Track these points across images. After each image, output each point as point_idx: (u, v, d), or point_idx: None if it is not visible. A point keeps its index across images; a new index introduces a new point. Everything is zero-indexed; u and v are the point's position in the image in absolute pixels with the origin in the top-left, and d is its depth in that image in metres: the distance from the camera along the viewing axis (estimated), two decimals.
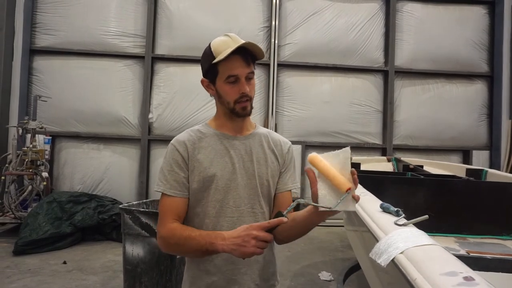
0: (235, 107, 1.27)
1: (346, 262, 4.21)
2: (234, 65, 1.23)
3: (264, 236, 1.08)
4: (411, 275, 0.82)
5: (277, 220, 1.09)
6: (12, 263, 3.95)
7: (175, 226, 1.22)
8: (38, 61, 6.05)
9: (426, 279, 0.77)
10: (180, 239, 1.19)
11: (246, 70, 1.24)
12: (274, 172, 1.34)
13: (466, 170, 3.87)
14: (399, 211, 1.31)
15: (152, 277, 2.76)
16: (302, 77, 6.51)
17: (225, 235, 1.12)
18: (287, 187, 1.36)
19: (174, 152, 1.28)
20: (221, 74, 1.24)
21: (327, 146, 6.49)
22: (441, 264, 0.82)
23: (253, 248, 1.07)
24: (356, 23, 6.52)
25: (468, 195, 3.13)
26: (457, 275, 0.74)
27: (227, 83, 1.25)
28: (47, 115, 5.77)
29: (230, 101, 1.27)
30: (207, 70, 1.27)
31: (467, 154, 6.78)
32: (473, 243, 2.86)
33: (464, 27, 6.71)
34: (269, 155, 1.35)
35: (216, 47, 1.24)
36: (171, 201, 1.25)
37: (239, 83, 1.24)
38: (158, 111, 6.16)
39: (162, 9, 6.24)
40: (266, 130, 1.43)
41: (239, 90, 1.24)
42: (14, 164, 4.95)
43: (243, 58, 1.23)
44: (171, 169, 1.26)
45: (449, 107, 6.70)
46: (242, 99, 1.25)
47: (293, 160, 1.42)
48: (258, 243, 1.07)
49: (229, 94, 1.26)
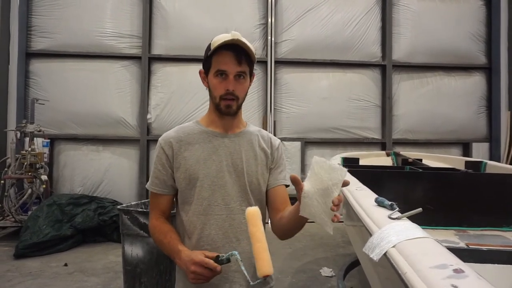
0: (220, 103, 1.28)
1: (347, 257, 4.20)
2: (225, 60, 1.24)
3: (200, 272, 1.11)
4: (402, 268, 0.81)
5: (212, 264, 1.10)
6: (13, 266, 3.95)
7: (156, 225, 1.30)
8: (34, 64, 6.05)
9: (416, 272, 0.76)
10: (156, 240, 1.29)
11: (237, 68, 1.25)
12: (264, 170, 1.35)
13: (465, 162, 3.86)
14: (393, 204, 1.30)
15: (152, 277, 2.75)
16: (300, 74, 6.50)
17: (182, 255, 1.18)
18: (277, 182, 1.36)
19: (159, 150, 1.32)
20: (213, 67, 1.27)
21: (326, 142, 6.48)
22: (432, 257, 0.81)
23: (192, 280, 1.13)
24: (352, 18, 6.50)
25: (467, 187, 3.12)
26: (447, 267, 0.73)
27: (216, 77, 1.26)
28: (45, 118, 5.76)
29: (216, 95, 1.28)
30: (204, 62, 1.31)
31: (467, 147, 6.76)
32: (473, 236, 2.85)
33: (461, 19, 6.68)
34: (259, 153, 1.35)
35: (214, 41, 1.25)
36: (155, 197, 1.33)
37: (227, 80, 1.25)
38: (157, 111, 6.16)
39: (158, 9, 6.22)
40: (256, 129, 1.43)
41: (225, 86, 1.25)
42: (13, 168, 4.95)
43: (236, 56, 1.24)
44: (155, 167, 1.32)
45: (448, 100, 6.68)
46: (227, 96, 1.26)
47: (283, 157, 1.43)
48: (196, 276, 1.12)
49: (216, 89, 1.28)
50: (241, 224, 1.27)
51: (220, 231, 1.26)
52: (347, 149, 6.40)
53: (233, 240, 1.27)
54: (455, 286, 0.65)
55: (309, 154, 6.46)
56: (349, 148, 6.47)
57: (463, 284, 0.65)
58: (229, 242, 1.26)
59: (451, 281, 0.67)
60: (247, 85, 1.31)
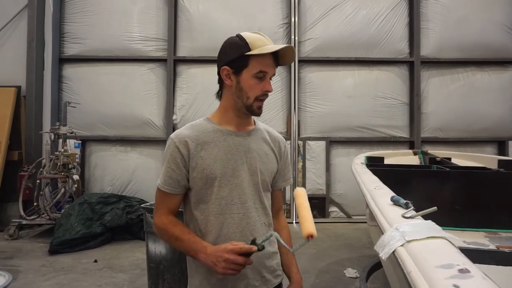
0: (253, 104, 1.27)
1: (372, 259, 4.11)
2: (268, 62, 1.25)
3: (234, 259, 1.12)
4: (407, 267, 0.79)
5: (247, 247, 1.14)
6: (47, 262, 4.16)
7: (167, 222, 1.28)
8: (67, 69, 6.33)
9: (420, 271, 0.74)
10: (170, 237, 1.27)
11: (273, 71, 1.28)
12: (273, 169, 1.38)
13: (498, 161, 3.67)
14: (408, 203, 1.26)
15: (174, 274, 2.81)
16: (324, 72, 6.42)
17: (208, 250, 1.19)
18: (280, 185, 1.45)
19: (174, 149, 1.27)
20: (252, 67, 1.24)
21: (352, 141, 6.37)
22: (440, 257, 0.78)
23: (223, 270, 1.13)
24: (378, 14, 6.35)
25: (499, 187, 2.97)
26: (453, 267, 0.70)
27: (255, 78, 1.25)
28: (76, 120, 6.02)
29: (251, 96, 1.26)
30: (235, 59, 1.24)
31: (502, 145, 6.44)
32: (505, 238, 2.71)
33: (493, 11, 6.35)
34: (269, 152, 1.37)
35: (253, 40, 1.23)
36: (164, 195, 1.31)
37: (264, 80, 1.26)
38: (182, 112, 6.28)
39: (182, 12, 6.35)
40: (264, 126, 1.44)
41: (264, 87, 1.26)
42: (47, 168, 5.20)
43: (274, 59, 1.27)
44: (168, 166, 1.28)
45: (481, 96, 6.38)
46: (263, 97, 1.28)
47: (288, 157, 1.48)
48: (228, 265, 1.13)
49: (253, 89, 1.25)
50: (256, 222, 1.29)
51: (238, 230, 1.27)
52: (373, 148, 6.26)
53: (249, 238, 1.27)
54: (457, 286, 0.62)
55: (334, 153, 6.38)
56: (375, 147, 6.33)
57: (465, 284, 0.63)
58: (246, 240, 1.26)
59: (454, 281, 0.64)
60: None
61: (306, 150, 6.30)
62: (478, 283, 0.63)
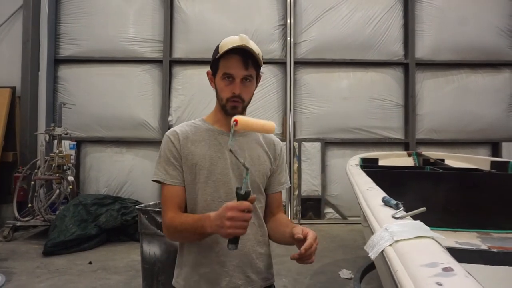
0: (226, 104, 1.30)
1: (367, 259, 4.13)
2: (232, 64, 1.26)
3: (236, 215, 1.04)
4: (394, 266, 0.81)
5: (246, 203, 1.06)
6: (42, 263, 4.14)
7: (174, 215, 1.26)
8: (62, 70, 6.32)
9: (406, 270, 0.76)
10: (177, 227, 1.23)
11: (243, 72, 1.26)
12: (265, 171, 1.38)
13: (491, 162, 3.71)
14: (398, 204, 1.28)
15: (169, 275, 2.78)
16: (320, 74, 6.45)
17: (211, 217, 1.12)
18: (277, 188, 1.43)
19: (168, 143, 1.32)
20: (220, 70, 1.29)
21: (347, 143, 6.40)
22: (426, 256, 0.80)
23: (231, 229, 1.05)
24: (373, 16, 6.39)
25: (491, 188, 3.00)
26: (437, 265, 0.72)
27: (223, 80, 1.29)
28: (71, 122, 6.00)
29: (223, 97, 1.30)
30: (211, 63, 1.33)
31: (496, 147, 6.50)
32: (497, 238, 2.74)
33: (488, 14, 6.41)
34: (262, 154, 1.38)
35: (223, 43, 1.27)
36: (172, 190, 1.29)
37: (234, 83, 1.27)
38: (178, 114, 6.28)
39: (178, 13, 6.36)
40: None
41: (232, 90, 1.27)
42: (42, 169, 5.18)
43: (243, 60, 1.25)
44: (167, 160, 1.30)
45: (475, 98, 6.44)
46: (234, 99, 1.28)
47: (284, 160, 1.47)
48: (234, 223, 1.04)
49: (223, 91, 1.30)
50: None
51: None
52: (368, 149, 6.29)
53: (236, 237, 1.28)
54: (440, 284, 0.64)
55: (329, 155, 6.40)
56: (370, 148, 6.36)
57: (448, 282, 0.64)
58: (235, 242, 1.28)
59: (437, 279, 0.66)
60: (253, 88, 1.33)
61: (302, 152, 6.32)
62: (461, 281, 0.65)
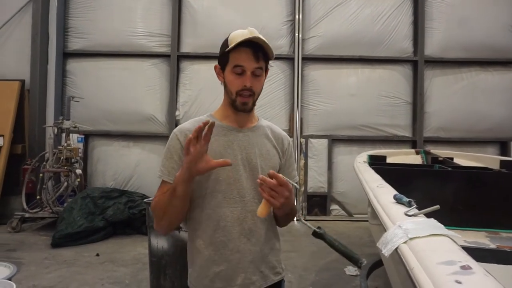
0: (236, 99, 1.29)
1: (373, 257, 4.12)
2: (243, 56, 1.25)
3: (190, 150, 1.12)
4: (410, 264, 0.80)
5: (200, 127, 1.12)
6: (50, 255, 4.19)
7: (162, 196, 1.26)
8: (71, 64, 6.34)
9: (423, 268, 0.75)
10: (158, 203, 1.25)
11: (254, 65, 1.26)
12: (274, 166, 1.37)
13: (500, 161, 3.68)
14: (411, 201, 1.27)
15: (176, 269, 2.83)
16: (328, 70, 6.42)
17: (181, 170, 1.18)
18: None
19: (175, 140, 1.32)
20: (230, 63, 1.28)
21: (354, 140, 6.37)
22: (442, 254, 0.79)
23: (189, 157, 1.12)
24: (382, 12, 6.33)
25: (500, 188, 2.98)
26: (455, 264, 0.72)
27: (233, 73, 1.27)
28: (80, 115, 6.03)
29: (232, 91, 1.29)
30: (220, 57, 1.32)
31: (505, 146, 6.43)
32: (506, 238, 2.73)
33: (499, 11, 6.32)
34: (271, 149, 1.38)
35: (232, 37, 1.27)
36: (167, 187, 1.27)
37: (244, 75, 1.26)
38: (185, 108, 6.29)
39: (187, 7, 6.34)
40: (267, 123, 1.45)
41: (243, 82, 1.26)
42: (50, 162, 5.22)
43: (253, 52, 1.25)
44: (171, 157, 1.31)
45: (485, 97, 6.36)
46: (244, 92, 1.27)
47: (292, 154, 1.46)
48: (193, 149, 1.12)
49: (233, 84, 1.28)
50: (254, 216, 1.28)
51: (236, 223, 1.28)
52: (375, 147, 6.25)
53: (247, 231, 1.29)
54: (459, 282, 0.63)
55: (336, 151, 6.38)
56: (377, 146, 6.32)
57: (467, 280, 0.64)
58: (244, 234, 1.28)
59: (456, 277, 0.65)
60: (263, 80, 1.33)
61: (309, 148, 6.31)
62: (480, 279, 0.64)
